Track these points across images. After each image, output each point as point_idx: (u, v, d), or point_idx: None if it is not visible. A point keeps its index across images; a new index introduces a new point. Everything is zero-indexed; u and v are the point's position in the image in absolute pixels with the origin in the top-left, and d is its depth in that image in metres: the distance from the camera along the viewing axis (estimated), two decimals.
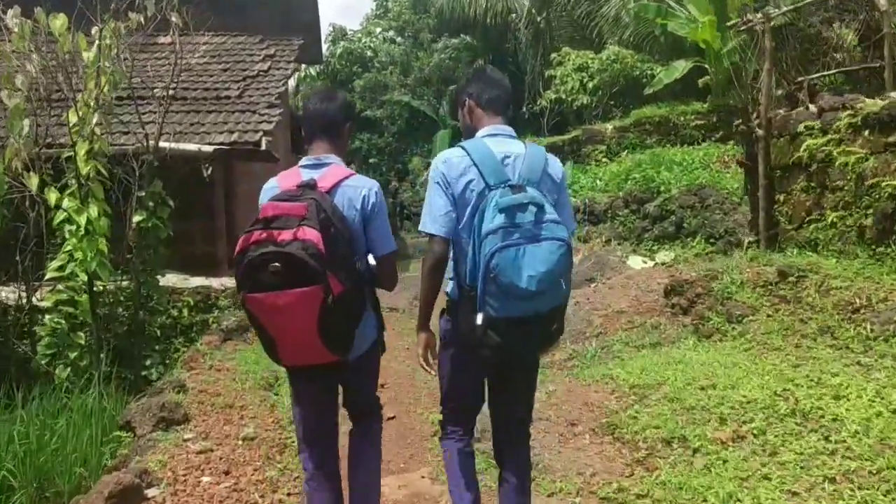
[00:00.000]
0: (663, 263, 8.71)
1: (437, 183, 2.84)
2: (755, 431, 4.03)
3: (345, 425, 3.21)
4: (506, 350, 2.71)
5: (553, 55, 17.26)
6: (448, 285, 2.95)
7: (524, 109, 18.52)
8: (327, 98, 3.12)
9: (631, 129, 14.96)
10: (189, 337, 8.36)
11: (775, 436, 3.95)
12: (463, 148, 2.85)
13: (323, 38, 25.71)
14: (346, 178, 2.95)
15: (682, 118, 14.86)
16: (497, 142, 2.86)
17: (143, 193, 7.04)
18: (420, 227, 2.89)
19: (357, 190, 2.95)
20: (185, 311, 8.37)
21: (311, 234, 2.65)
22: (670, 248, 9.26)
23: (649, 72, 15.71)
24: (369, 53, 25.83)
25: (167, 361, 7.84)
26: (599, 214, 10.61)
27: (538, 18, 19.53)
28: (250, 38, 11.91)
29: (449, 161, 2.85)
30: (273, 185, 3.00)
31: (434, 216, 2.82)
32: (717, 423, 4.21)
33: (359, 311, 2.90)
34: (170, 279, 8.59)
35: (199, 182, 8.88)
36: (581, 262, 9.58)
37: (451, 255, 2.88)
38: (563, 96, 16.45)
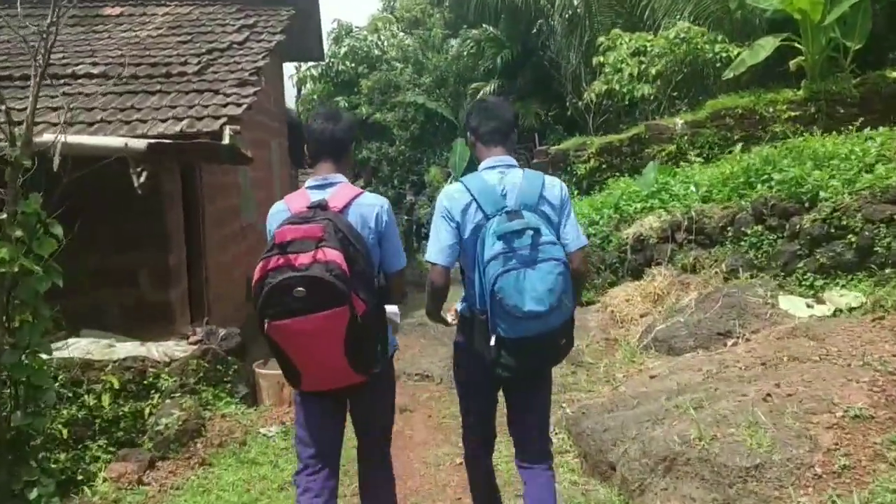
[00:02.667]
0: (852, 309, 5.64)
1: (443, 217, 3.03)
2: None
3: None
4: (520, 369, 2.91)
5: (600, 39, 14.26)
6: (460, 305, 3.19)
7: (567, 105, 15.53)
8: (332, 118, 3.12)
9: (707, 124, 11.98)
10: (113, 438, 5.37)
11: None
12: (463, 183, 3.06)
13: (325, 35, 23.25)
14: (357, 196, 2.99)
15: (770, 109, 11.89)
16: (495, 173, 3.06)
17: (5, 215, 3.99)
18: (426, 257, 3.10)
19: (370, 208, 2.99)
20: (107, 399, 5.32)
21: (332, 254, 2.68)
22: (849, 283, 6.17)
23: (724, 54, 12.70)
24: (377, 52, 22.97)
25: (77, 480, 4.87)
26: (713, 233, 7.49)
27: (575, 1, 16.56)
28: (225, 8, 8.91)
29: (451, 196, 3.04)
30: (282, 209, 3.00)
31: (439, 247, 3.01)
32: None
33: (381, 329, 2.95)
34: (85, 346, 5.55)
35: (145, 198, 5.93)
36: (701, 305, 6.49)
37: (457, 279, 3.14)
38: (617, 86, 13.45)
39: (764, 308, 6.14)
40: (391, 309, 3.14)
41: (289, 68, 25.63)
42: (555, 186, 3.08)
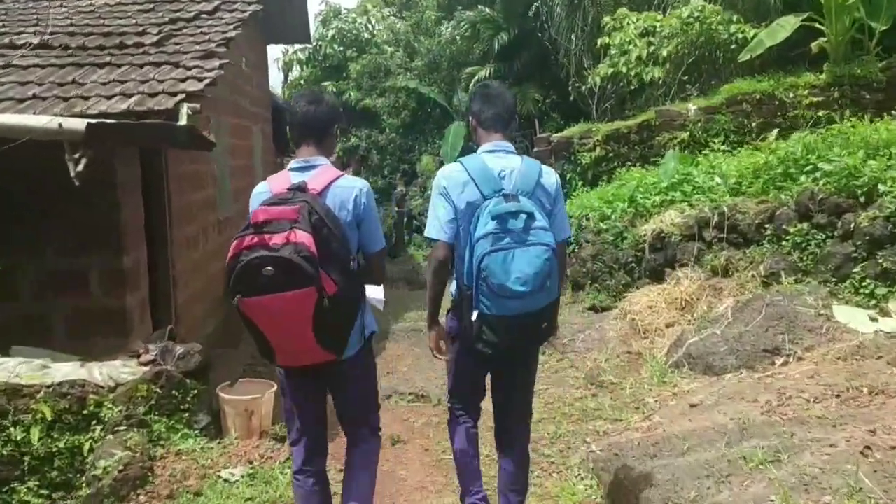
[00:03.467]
0: None
1: (441, 195, 3.11)
2: None
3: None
4: (500, 345, 3.00)
5: (606, 19, 13.30)
6: (452, 286, 3.24)
7: (569, 90, 14.59)
8: (314, 100, 3.13)
9: (722, 110, 11.13)
10: (46, 479, 4.47)
11: None
12: (461, 163, 3.14)
13: (312, 17, 22.23)
14: (337, 178, 3.02)
15: (791, 94, 11.02)
16: (494, 157, 3.13)
17: None
18: (426, 233, 3.20)
19: (348, 190, 3.03)
20: (37, 432, 4.40)
21: (302, 236, 2.73)
22: None
23: (740, 35, 11.79)
24: (366, 35, 21.92)
25: None
26: (747, 231, 6.58)
27: None
28: None
29: (449, 176, 3.12)
30: (264, 190, 3.04)
31: (439, 223, 3.09)
32: None
33: (354, 310, 2.98)
34: (12, 368, 4.62)
35: (97, 190, 5.00)
36: (739, 315, 5.60)
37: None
38: (625, 69, 12.51)
39: (817, 320, 5.25)
40: (373, 292, 3.21)
41: (274, 52, 24.63)
42: (550, 175, 3.19)
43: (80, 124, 4.38)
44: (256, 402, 4.85)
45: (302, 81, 22.74)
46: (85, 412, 4.52)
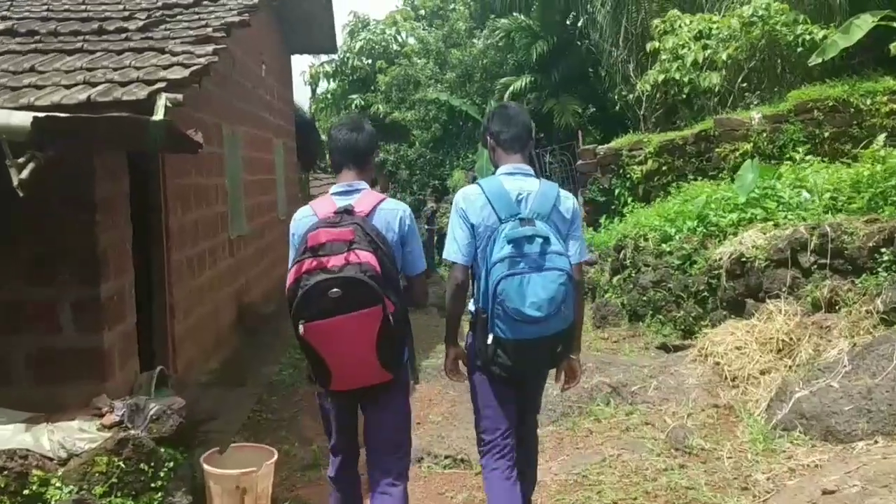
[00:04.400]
0: None
1: (459, 216, 3.13)
2: None
3: None
4: (515, 369, 3.02)
5: (655, 22, 12.18)
6: (471, 304, 3.22)
7: (615, 99, 13.50)
8: (356, 128, 3.21)
9: (790, 118, 9.98)
10: None
11: None
12: (479, 185, 3.15)
13: (340, 28, 21.43)
14: (381, 201, 3.09)
15: (867, 101, 9.82)
16: (513, 180, 3.13)
17: None
18: (444, 255, 3.21)
19: (393, 213, 3.09)
20: None
21: (365, 256, 2.77)
22: None
23: (807, 36, 10.60)
24: (395, 47, 20.99)
25: None
26: (857, 256, 5.38)
27: None
28: None
29: (468, 198, 3.13)
30: (308, 213, 3.08)
31: (457, 245, 3.11)
32: None
33: (408, 329, 3.05)
34: None
35: (70, 207, 4.02)
36: (861, 362, 4.41)
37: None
38: (678, 76, 11.36)
39: None
40: None
41: (300, 65, 23.98)
42: (568, 199, 3.18)
43: (23, 119, 3.33)
44: (250, 478, 3.74)
45: (329, 95, 22.03)
46: (26, 493, 3.45)
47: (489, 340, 2.95)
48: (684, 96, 12.01)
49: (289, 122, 12.80)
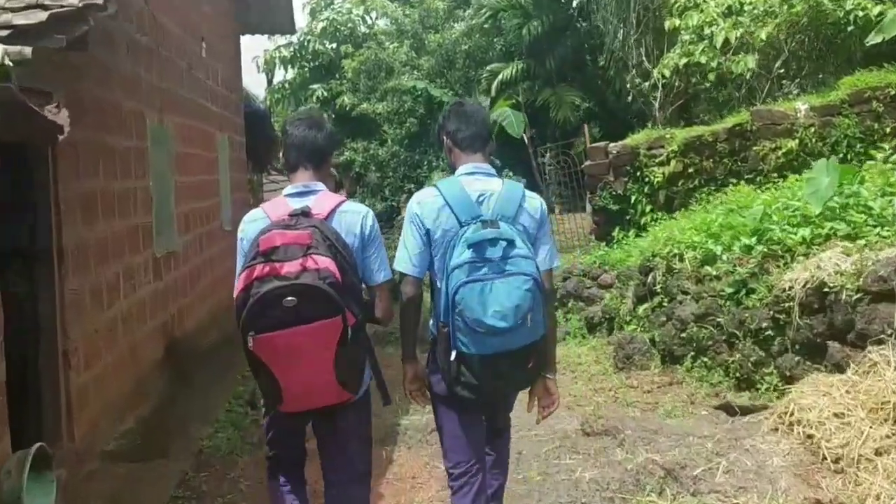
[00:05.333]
0: None
1: (413, 224, 3.13)
2: None
3: None
4: (482, 389, 2.99)
5: None
6: (430, 322, 3.22)
7: (622, 88, 12.62)
8: (314, 125, 3.23)
9: (844, 110, 9.05)
10: None
11: None
12: (437, 188, 3.14)
13: (299, 6, 20.52)
14: (341, 203, 3.11)
15: None
16: (473, 180, 3.14)
17: None
18: (394, 265, 3.16)
19: (355, 215, 3.10)
20: None
21: (324, 261, 2.75)
22: None
23: (860, 12, 9.72)
24: (363, 29, 20.03)
25: None
26: None
27: None
28: None
29: (423, 202, 3.12)
30: (260, 216, 3.07)
31: (407, 255, 3.11)
32: None
33: (369, 344, 3.08)
34: None
35: None
36: None
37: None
38: (705, 59, 10.43)
39: None
40: None
41: (253, 48, 23.31)
42: (534, 199, 3.21)
43: None
44: None
45: (287, 85, 21.08)
46: None
47: (452, 357, 2.93)
48: (708, 84, 11.16)
49: (237, 113, 11.75)
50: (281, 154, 3.28)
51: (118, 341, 6.06)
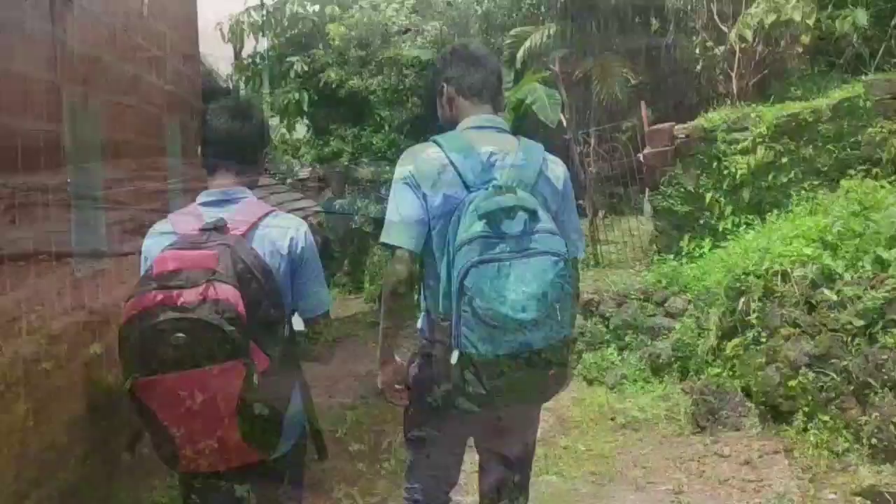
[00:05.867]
0: None
1: (406, 184, 3.08)
2: None
3: None
4: (490, 402, 2.95)
5: None
6: (419, 320, 3.29)
7: (696, 53, 12.62)
8: (240, 114, 3.23)
9: None
10: None
11: None
12: (437, 143, 3.12)
13: None
14: (266, 215, 3.11)
15: None
16: (482, 135, 3.15)
17: None
18: (381, 239, 3.15)
19: (282, 231, 3.11)
20: None
21: (224, 292, 2.74)
22: None
23: None
24: None
25: None
26: None
27: None
28: None
29: (419, 158, 3.11)
30: (165, 230, 3.11)
31: (401, 224, 3.07)
32: None
33: (287, 392, 3.05)
34: None
35: None
36: None
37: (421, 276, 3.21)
38: (798, 16, 10.22)
39: None
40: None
41: (213, 13, 23.62)
42: (557, 165, 3.25)
43: None
44: None
45: (258, 58, 21.15)
46: None
47: (454, 360, 2.86)
48: (801, 49, 10.80)
49: (194, 93, 11.56)
50: (199, 150, 3.32)
51: (15, 396, 5.61)
